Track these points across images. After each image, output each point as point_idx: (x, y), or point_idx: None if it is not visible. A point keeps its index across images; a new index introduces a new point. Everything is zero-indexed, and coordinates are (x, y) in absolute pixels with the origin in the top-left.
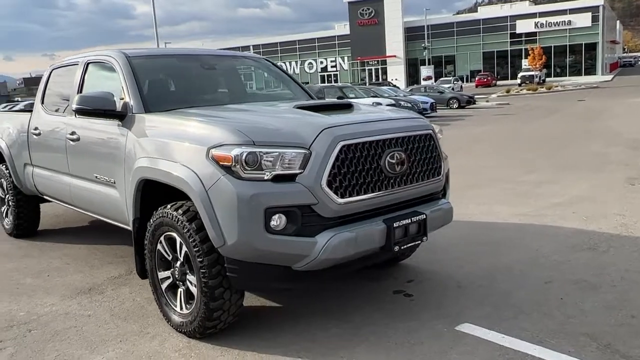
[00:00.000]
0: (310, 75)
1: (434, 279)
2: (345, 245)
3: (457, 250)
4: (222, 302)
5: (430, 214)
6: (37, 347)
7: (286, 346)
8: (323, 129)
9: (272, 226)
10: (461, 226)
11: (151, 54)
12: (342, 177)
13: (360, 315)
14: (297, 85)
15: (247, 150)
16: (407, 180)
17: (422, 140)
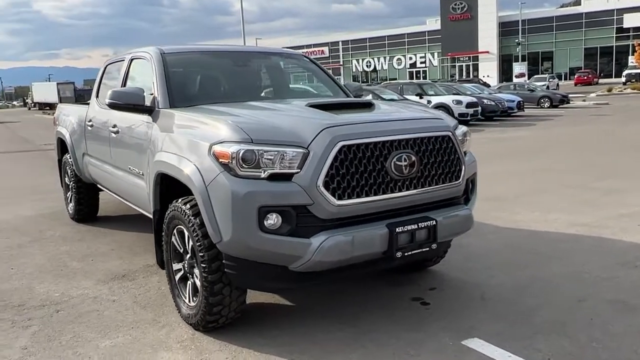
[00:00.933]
0: (398, 71)
1: (458, 288)
2: (340, 248)
3: (494, 258)
4: (221, 298)
5: (443, 220)
6: (59, 327)
7: (283, 346)
8: (323, 129)
9: (267, 225)
10: (507, 234)
11: (187, 51)
12: (340, 178)
13: (368, 321)
14: (334, 83)
15: (245, 147)
16: (418, 184)
17: (438, 142)
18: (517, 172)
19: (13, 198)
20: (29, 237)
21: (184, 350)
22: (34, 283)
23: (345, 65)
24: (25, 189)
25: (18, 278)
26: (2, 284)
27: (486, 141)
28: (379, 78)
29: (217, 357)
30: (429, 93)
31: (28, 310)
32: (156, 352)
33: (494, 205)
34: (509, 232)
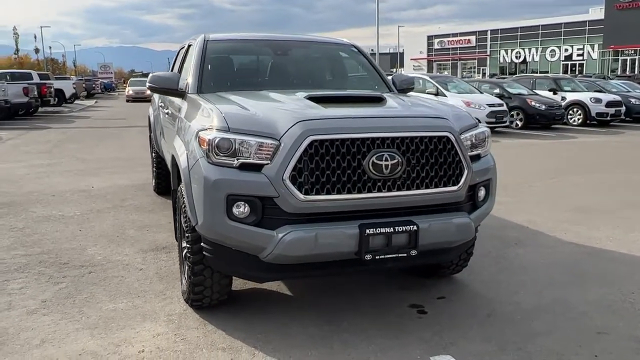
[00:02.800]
0: (551, 63)
1: (468, 301)
2: (301, 244)
3: (531, 274)
4: (202, 279)
5: (429, 226)
6: (81, 287)
7: (253, 334)
8: (296, 122)
9: (235, 213)
10: (568, 249)
11: (231, 39)
12: (308, 173)
13: (351, 321)
14: (377, 75)
15: (221, 136)
16: (403, 186)
17: (433, 143)
18: (633, 183)
19: (121, 168)
20: (110, 204)
21: (167, 323)
22: (88, 245)
23: (492, 55)
24: (136, 161)
25: (79, 240)
26: (64, 243)
27: (617, 145)
28: (528, 70)
29: (190, 334)
30: (564, 89)
31: (68, 269)
32: (143, 321)
33: (576, 217)
34: (571, 248)
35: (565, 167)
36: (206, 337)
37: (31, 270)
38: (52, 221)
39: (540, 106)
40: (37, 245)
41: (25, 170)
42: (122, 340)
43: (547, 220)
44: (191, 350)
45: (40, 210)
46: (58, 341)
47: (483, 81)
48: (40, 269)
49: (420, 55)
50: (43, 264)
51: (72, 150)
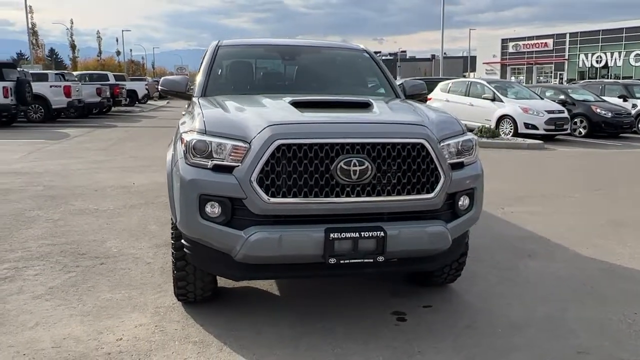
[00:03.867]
0: (635, 68)
1: (454, 311)
2: (266, 245)
3: (532, 287)
4: (184, 274)
5: (398, 233)
6: (88, 277)
7: (229, 331)
8: (267, 126)
9: (207, 212)
10: (582, 264)
11: (242, 44)
12: (275, 176)
13: (326, 324)
14: (387, 81)
15: (197, 137)
16: (373, 192)
17: (406, 149)
18: None
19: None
20: (143, 200)
21: (153, 315)
22: (110, 238)
23: (570, 59)
24: None
25: (103, 232)
26: (89, 235)
27: None
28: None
29: (170, 327)
30: (637, 95)
31: (83, 259)
32: (132, 312)
33: (606, 231)
34: (587, 263)
35: (616, 179)
36: (183, 331)
37: (50, 258)
38: (85, 214)
39: (606, 114)
40: (64, 236)
41: (79, 165)
42: (106, 328)
43: (574, 232)
44: (165, 341)
45: (78, 204)
46: (50, 325)
47: (547, 87)
48: (59, 258)
49: (494, 59)
50: (63, 253)
51: (128, 148)
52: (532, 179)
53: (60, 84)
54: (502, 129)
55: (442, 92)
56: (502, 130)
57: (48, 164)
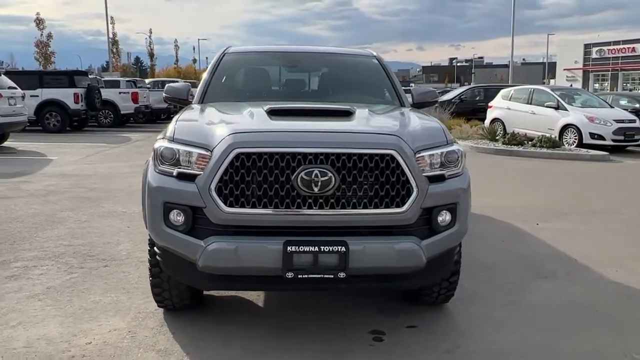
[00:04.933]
0: None
1: (438, 333)
2: (221, 255)
3: (536, 311)
4: (159, 281)
5: (362, 249)
6: (87, 279)
7: (196, 341)
8: (228, 134)
9: (171, 220)
10: (604, 287)
11: (248, 51)
12: (233, 186)
13: (299, 340)
14: (392, 88)
15: (165, 145)
16: (337, 204)
17: (375, 161)
18: None
19: None
20: None
21: (131, 320)
22: (124, 241)
23: None
24: None
25: (121, 235)
26: (106, 237)
27: None
28: None
29: (141, 333)
30: None
31: (90, 261)
32: (113, 316)
33: None
34: (610, 288)
35: None
36: (153, 338)
37: (61, 259)
38: (111, 217)
39: None
40: (83, 237)
41: (125, 169)
42: (82, 331)
43: (606, 253)
44: (130, 348)
45: (109, 206)
46: (31, 325)
47: (621, 94)
48: (68, 259)
49: (575, 66)
50: (75, 254)
51: None
52: (583, 192)
53: (129, 90)
54: (565, 139)
55: (504, 100)
56: (565, 141)
57: (98, 167)
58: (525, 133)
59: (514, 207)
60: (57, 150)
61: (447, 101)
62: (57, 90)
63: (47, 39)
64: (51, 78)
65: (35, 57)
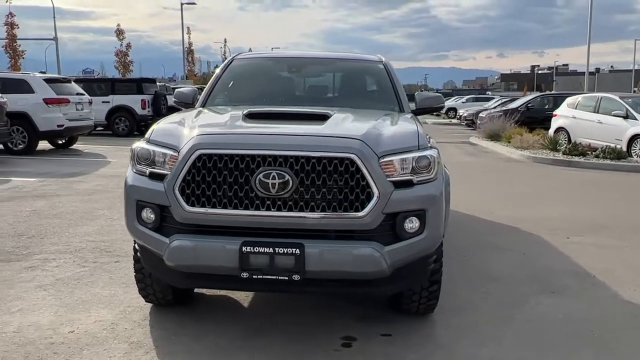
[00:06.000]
0: None
1: (412, 344)
2: (181, 253)
3: (528, 328)
4: (142, 277)
5: (319, 252)
6: (96, 272)
7: (170, 337)
8: (195, 135)
9: (143, 218)
10: (614, 306)
11: (255, 57)
12: (195, 186)
13: (267, 342)
14: (394, 95)
15: (141, 146)
16: (296, 207)
17: (334, 164)
18: None
19: None
20: None
21: (118, 313)
22: None
23: None
24: None
25: None
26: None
27: None
28: None
29: (122, 325)
30: None
31: (104, 256)
32: (104, 308)
33: None
34: (619, 307)
35: None
36: (131, 330)
37: (79, 253)
38: None
39: None
40: (107, 234)
41: None
42: (70, 320)
43: (632, 271)
44: (106, 339)
45: None
46: (29, 312)
47: None
48: (86, 254)
49: None
50: (94, 249)
51: None
52: (636, 207)
53: None
54: (634, 151)
55: (569, 108)
56: (634, 152)
57: None
58: (589, 143)
59: (551, 219)
60: (118, 153)
61: (512, 109)
62: (126, 97)
63: (126, 48)
64: (121, 85)
65: (115, 66)
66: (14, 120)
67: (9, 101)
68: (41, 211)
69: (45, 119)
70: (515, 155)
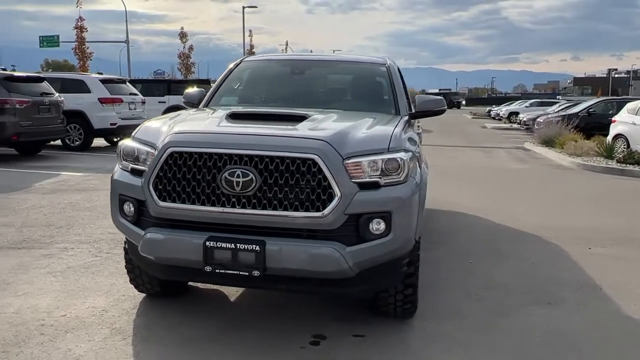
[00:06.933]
0: None
1: (379, 345)
2: (152, 245)
3: (504, 340)
4: (131, 267)
5: (278, 249)
6: (106, 262)
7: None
8: (170, 133)
9: (124, 211)
10: (608, 320)
11: (261, 59)
12: (167, 182)
13: (241, 336)
14: (392, 98)
15: (127, 143)
16: (259, 205)
17: (296, 164)
18: None
19: None
20: None
21: (113, 301)
22: None
23: None
24: None
25: None
26: None
27: None
28: None
29: (111, 312)
30: None
31: (118, 248)
32: (100, 295)
33: None
34: (615, 321)
35: None
36: (117, 317)
37: (96, 244)
38: None
39: None
40: None
41: None
42: (66, 305)
43: None
44: (92, 323)
45: None
46: (32, 296)
47: None
48: (102, 245)
49: None
50: (111, 241)
51: None
52: None
53: None
54: None
55: (629, 114)
56: None
57: None
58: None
59: (579, 229)
60: None
61: (571, 114)
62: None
63: (188, 50)
64: (177, 86)
65: (178, 68)
66: (72, 118)
67: (68, 100)
68: (76, 204)
69: (100, 117)
70: (565, 162)
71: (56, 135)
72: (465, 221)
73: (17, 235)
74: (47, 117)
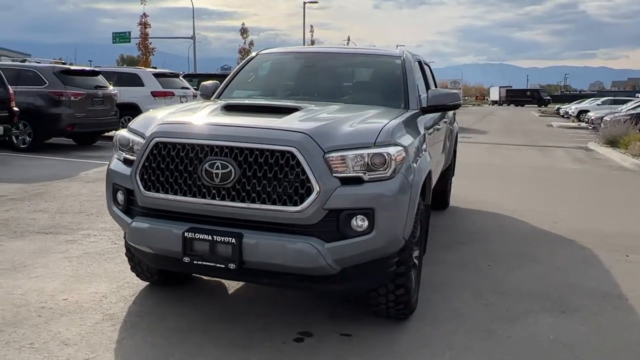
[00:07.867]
0: None
1: (364, 345)
2: (137, 234)
3: (501, 345)
4: (130, 255)
5: (255, 243)
6: (121, 250)
7: (141, 311)
8: (157, 124)
9: (117, 200)
10: (622, 331)
11: (278, 52)
12: (152, 171)
13: (225, 329)
14: (403, 91)
15: (122, 133)
16: (238, 197)
17: (275, 157)
18: None
19: None
20: None
21: (116, 287)
22: None
23: None
24: None
25: None
26: None
27: None
28: None
29: (110, 299)
30: None
31: None
32: (105, 282)
33: None
34: (629, 332)
35: None
36: (114, 304)
37: (119, 232)
38: None
39: None
40: None
41: None
42: (71, 289)
43: None
44: (88, 308)
45: None
46: (43, 279)
47: None
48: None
49: None
50: None
51: None
52: None
53: None
54: None
55: None
56: None
57: None
58: None
59: (620, 235)
60: None
61: None
62: None
63: (248, 46)
64: None
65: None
66: (125, 110)
67: (122, 93)
68: None
69: None
70: (627, 164)
71: (109, 127)
72: (498, 222)
73: (49, 221)
74: (100, 109)
